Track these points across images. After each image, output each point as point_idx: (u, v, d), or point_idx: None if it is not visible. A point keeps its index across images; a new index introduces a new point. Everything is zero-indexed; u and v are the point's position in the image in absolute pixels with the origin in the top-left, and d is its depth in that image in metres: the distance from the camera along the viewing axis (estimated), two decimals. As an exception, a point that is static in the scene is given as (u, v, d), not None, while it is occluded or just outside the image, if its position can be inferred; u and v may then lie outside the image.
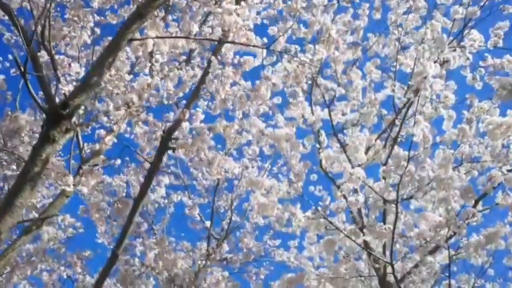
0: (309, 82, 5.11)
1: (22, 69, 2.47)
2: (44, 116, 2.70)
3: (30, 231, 3.95)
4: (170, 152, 6.81)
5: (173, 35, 3.91)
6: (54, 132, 2.51)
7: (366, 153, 4.60)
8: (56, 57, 4.50)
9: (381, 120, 5.89)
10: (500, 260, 6.03)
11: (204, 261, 4.68)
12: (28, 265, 3.62)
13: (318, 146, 3.94)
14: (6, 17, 5.24)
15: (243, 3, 2.90)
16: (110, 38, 4.10)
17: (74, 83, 4.20)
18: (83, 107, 5.13)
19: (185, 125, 3.30)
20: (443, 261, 3.95)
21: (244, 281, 6.83)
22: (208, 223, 6.74)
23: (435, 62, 3.88)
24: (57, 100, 3.08)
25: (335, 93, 5.71)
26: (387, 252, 4.20)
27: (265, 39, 3.67)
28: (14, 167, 2.93)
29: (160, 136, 3.46)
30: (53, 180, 2.92)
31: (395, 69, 5.47)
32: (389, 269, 4.47)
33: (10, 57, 6.70)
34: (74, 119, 2.95)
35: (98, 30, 4.23)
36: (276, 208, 3.84)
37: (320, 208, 3.73)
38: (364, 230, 3.75)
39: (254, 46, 3.03)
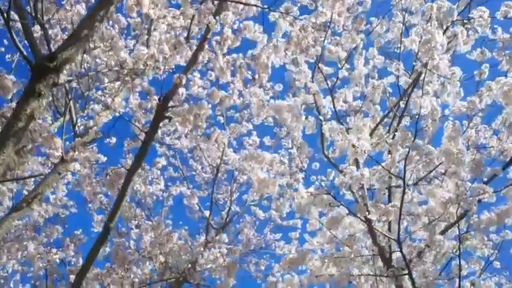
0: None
1: (5, 16, 2.32)
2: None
3: (20, 208, 3.78)
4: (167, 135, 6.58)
5: (172, 12, 3.77)
6: (40, 85, 2.34)
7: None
8: (50, 31, 4.36)
9: (385, 107, 5.74)
10: (506, 252, 5.85)
11: (202, 250, 4.49)
12: (17, 243, 3.45)
13: (320, 118, 3.77)
14: None
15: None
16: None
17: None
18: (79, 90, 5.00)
19: (181, 91, 3.14)
20: (451, 248, 3.76)
21: (244, 271, 6.66)
22: (207, 213, 6.57)
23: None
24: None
25: (337, 79, 5.57)
26: (392, 240, 4.05)
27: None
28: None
29: (155, 105, 3.31)
30: (40, 143, 2.75)
31: (399, 51, 5.35)
32: (395, 249, 4.30)
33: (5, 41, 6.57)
34: (64, 78, 2.80)
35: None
36: (277, 185, 3.68)
37: (323, 184, 3.56)
38: (369, 209, 3.57)
39: (255, 6, 2.87)
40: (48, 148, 2.76)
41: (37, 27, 4.20)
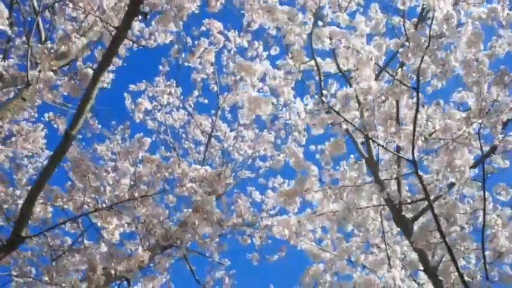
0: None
1: None
2: None
3: (-26, 133, 3.29)
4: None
5: None
6: None
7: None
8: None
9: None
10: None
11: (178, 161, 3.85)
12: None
13: (320, 23, 3.30)
14: None
15: None
16: None
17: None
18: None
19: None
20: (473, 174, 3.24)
21: (238, 244, 6.10)
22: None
23: None
24: None
25: (338, 26, 5.16)
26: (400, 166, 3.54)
27: None
28: None
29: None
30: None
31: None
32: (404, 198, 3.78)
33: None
34: None
35: None
36: (271, 103, 3.19)
37: (323, 98, 3.07)
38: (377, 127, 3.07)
39: None
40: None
41: None
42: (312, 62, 4.54)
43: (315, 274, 4.60)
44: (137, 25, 5.56)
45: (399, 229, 4.49)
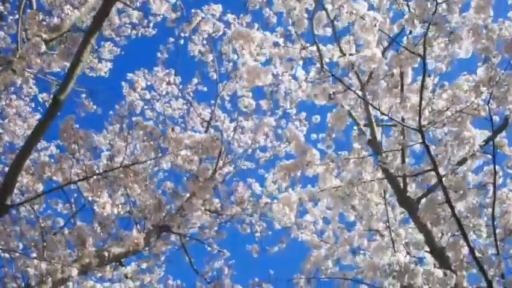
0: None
1: None
2: None
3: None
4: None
5: None
6: None
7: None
8: None
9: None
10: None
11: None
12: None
13: None
14: None
15: None
16: None
17: None
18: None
19: None
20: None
21: (238, 234, 5.94)
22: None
23: None
24: None
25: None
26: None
27: None
28: None
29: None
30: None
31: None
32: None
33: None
34: None
35: None
36: (270, 73, 3.05)
37: (325, 67, 2.93)
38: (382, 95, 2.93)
39: None
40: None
41: None
42: (314, 48, 4.43)
43: (317, 261, 4.46)
44: (135, 13, 5.49)
45: (402, 215, 4.36)
